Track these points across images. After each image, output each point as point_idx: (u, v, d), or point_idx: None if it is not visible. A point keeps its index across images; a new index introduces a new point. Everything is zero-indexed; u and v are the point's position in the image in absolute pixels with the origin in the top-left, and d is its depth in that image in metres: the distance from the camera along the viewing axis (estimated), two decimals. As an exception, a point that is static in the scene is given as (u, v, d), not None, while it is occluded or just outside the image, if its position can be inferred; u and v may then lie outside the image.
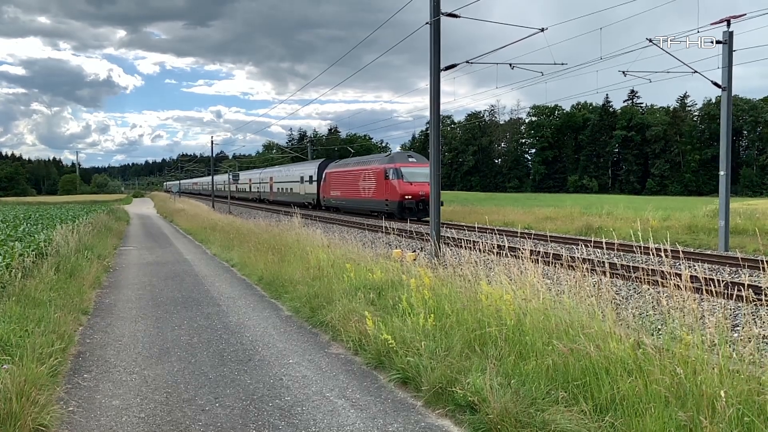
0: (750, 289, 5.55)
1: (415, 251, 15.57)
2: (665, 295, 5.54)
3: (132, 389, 6.03)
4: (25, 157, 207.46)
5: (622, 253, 14.51)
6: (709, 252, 17.65)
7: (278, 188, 56.48)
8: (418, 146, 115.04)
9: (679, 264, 13.84)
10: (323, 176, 43.06)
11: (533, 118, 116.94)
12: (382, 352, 6.49)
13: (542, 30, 15.18)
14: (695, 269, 13.02)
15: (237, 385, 6.11)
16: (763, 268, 5.23)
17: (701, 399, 3.98)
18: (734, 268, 13.86)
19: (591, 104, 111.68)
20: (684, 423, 3.90)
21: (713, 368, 4.18)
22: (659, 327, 7.24)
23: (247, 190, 72.99)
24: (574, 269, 6.42)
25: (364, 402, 5.57)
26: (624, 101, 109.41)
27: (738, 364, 4.25)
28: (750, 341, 4.53)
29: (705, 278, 5.46)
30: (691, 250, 17.75)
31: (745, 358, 4.37)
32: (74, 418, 5.28)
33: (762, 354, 5.29)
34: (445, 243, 14.26)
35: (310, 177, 46.05)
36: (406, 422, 5.08)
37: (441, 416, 5.17)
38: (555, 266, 7.71)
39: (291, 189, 51.96)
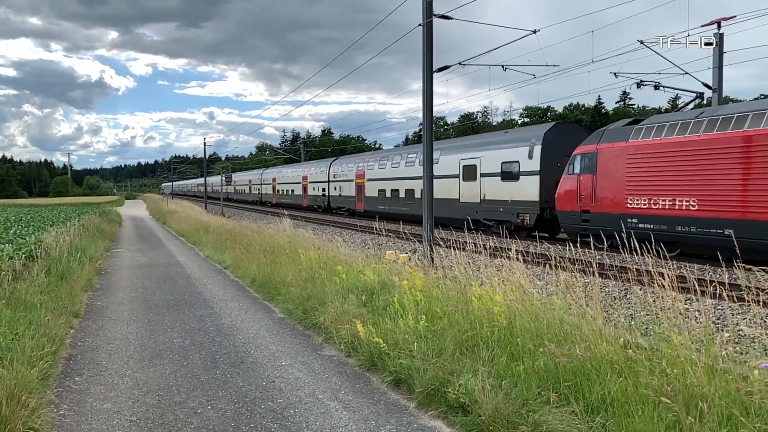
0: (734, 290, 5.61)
1: (407, 253, 15.59)
2: (652, 295, 5.58)
3: (124, 392, 6.01)
4: (17, 159, 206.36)
5: (614, 254, 14.57)
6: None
7: (384, 190, 32.19)
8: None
9: (671, 264, 13.89)
10: (582, 160, 18.10)
11: (526, 119, 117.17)
12: (374, 354, 6.49)
13: (534, 32, 15.25)
14: (686, 269, 13.09)
15: (229, 387, 6.10)
16: (739, 266, 5.30)
17: (690, 399, 4.01)
18: (728, 268, 13.92)
19: (583, 105, 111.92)
20: (673, 422, 3.94)
21: (701, 368, 4.22)
22: (648, 327, 7.29)
23: (294, 192, 50.87)
24: (564, 270, 6.45)
25: (356, 404, 5.58)
26: (616, 102, 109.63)
27: (726, 363, 4.29)
28: (737, 341, 4.57)
29: (691, 278, 5.51)
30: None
31: (733, 358, 4.41)
32: (65, 422, 5.26)
33: (751, 354, 5.33)
34: (437, 244, 14.27)
35: (513, 166, 21.92)
36: (399, 424, 5.09)
37: (433, 417, 5.18)
38: (546, 266, 7.74)
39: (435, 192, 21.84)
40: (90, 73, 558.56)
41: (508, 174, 22.08)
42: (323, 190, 43.01)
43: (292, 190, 51.02)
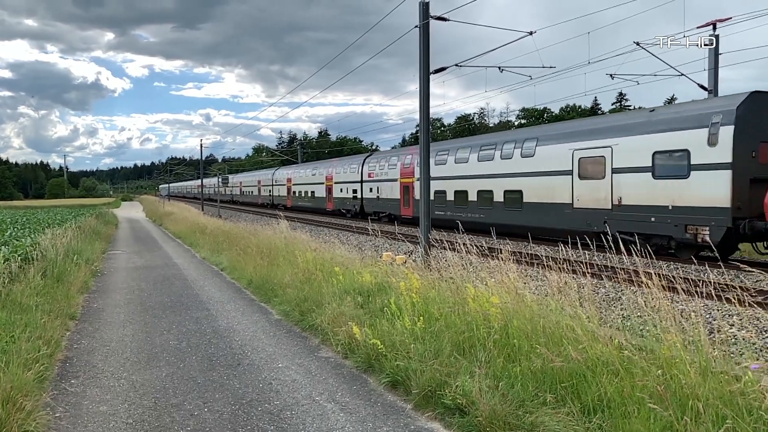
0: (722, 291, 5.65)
1: (404, 254, 15.59)
2: (643, 296, 5.60)
3: (120, 395, 5.99)
4: (12, 160, 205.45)
5: (610, 255, 14.59)
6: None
7: (444, 192, 25.77)
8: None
9: (663, 264, 13.93)
10: None
11: (523, 121, 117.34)
12: (371, 356, 6.49)
13: (531, 33, 15.30)
14: (680, 270, 13.13)
15: (226, 389, 6.09)
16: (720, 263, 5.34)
17: (685, 399, 4.03)
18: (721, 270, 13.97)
19: (580, 107, 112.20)
20: (670, 423, 3.94)
21: (695, 369, 4.23)
22: (643, 329, 7.30)
23: (315, 194, 43.33)
24: (559, 271, 6.47)
25: (353, 406, 5.57)
26: (612, 103, 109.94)
27: (721, 364, 4.30)
28: (733, 342, 4.58)
29: (673, 278, 5.55)
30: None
31: (727, 359, 4.42)
32: (61, 424, 5.24)
33: (745, 355, 5.35)
34: (433, 245, 14.28)
35: (678, 157, 15.73)
36: (396, 426, 5.08)
37: (430, 419, 5.18)
38: (541, 267, 7.75)
39: None
40: (86, 74, 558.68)
41: (669, 168, 15.74)
42: (354, 191, 36.30)
43: (313, 192, 43.87)
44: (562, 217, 18.78)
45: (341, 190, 38.76)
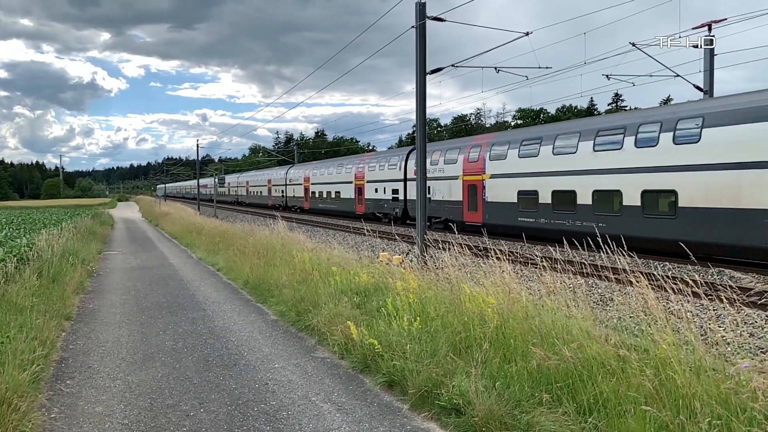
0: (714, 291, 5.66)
1: (402, 254, 15.60)
2: (635, 296, 5.62)
3: (115, 395, 5.98)
4: (8, 161, 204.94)
5: (606, 255, 14.60)
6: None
7: (535, 192, 19.99)
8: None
9: (663, 266, 13.96)
10: None
11: (519, 121, 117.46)
12: (368, 356, 6.49)
13: (527, 34, 15.33)
14: (677, 270, 13.17)
15: (222, 390, 6.08)
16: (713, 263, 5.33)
17: (680, 399, 4.04)
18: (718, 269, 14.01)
19: (576, 107, 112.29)
20: (666, 422, 3.95)
21: (690, 369, 4.24)
22: (638, 328, 7.32)
23: (341, 195, 37.86)
24: (554, 271, 6.48)
25: (349, 406, 5.57)
26: (608, 104, 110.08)
27: (713, 363, 4.32)
28: (729, 342, 4.59)
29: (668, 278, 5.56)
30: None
31: (719, 358, 4.44)
32: (56, 425, 5.23)
33: (739, 354, 5.37)
34: (429, 245, 14.30)
35: None
36: (392, 426, 5.09)
37: (427, 419, 5.18)
38: (536, 267, 7.77)
39: None
40: (82, 74, 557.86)
41: None
42: (394, 192, 30.43)
43: (338, 193, 38.06)
44: (756, 230, 13.02)
45: (376, 191, 32.55)
